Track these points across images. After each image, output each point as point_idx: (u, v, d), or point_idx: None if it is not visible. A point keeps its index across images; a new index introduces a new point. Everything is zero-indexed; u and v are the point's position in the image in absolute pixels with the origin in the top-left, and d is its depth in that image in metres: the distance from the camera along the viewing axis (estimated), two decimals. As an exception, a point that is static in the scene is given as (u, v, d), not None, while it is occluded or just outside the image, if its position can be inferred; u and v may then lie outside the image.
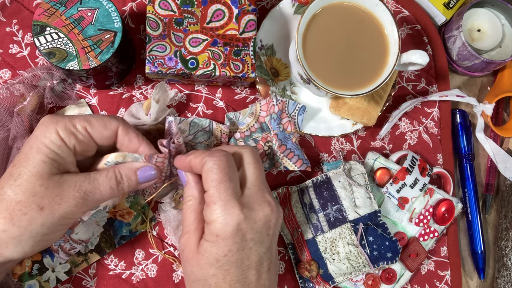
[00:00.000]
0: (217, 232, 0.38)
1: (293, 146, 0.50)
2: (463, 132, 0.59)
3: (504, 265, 0.57)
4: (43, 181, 0.37)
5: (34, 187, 0.36)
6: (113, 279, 0.49)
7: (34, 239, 0.37)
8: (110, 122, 0.40)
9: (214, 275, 0.38)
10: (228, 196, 0.38)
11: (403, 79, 0.58)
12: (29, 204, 0.36)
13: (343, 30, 0.48)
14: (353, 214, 0.49)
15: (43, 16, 0.44)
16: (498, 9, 0.59)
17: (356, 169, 0.52)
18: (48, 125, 0.38)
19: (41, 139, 0.38)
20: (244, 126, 0.51)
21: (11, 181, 0.37)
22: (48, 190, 0.37)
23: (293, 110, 0.51)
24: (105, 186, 0.39)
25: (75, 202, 0.37)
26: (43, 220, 0.36)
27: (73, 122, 0.39)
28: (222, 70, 0.47)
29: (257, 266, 0.39)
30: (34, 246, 0.37)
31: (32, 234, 0.37)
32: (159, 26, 0.47)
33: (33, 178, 0.36)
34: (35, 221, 0.36)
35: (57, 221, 0.37)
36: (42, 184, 0.37)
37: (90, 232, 0.48)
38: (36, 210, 0.36)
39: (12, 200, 0.36)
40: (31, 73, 0.48)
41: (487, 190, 0.61)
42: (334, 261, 0.49)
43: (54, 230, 0.38)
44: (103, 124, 0.40)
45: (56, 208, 0.37)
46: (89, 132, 0.39)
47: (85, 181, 0.38)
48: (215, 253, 0.38)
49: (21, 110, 0.46)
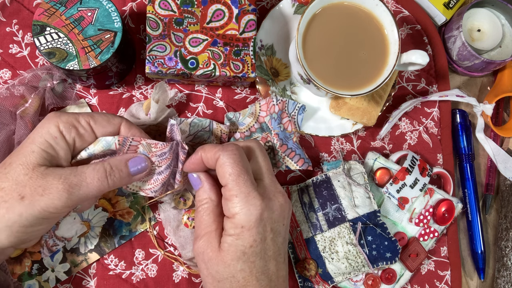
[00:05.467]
0: (242, 223, 0.38)
1: (294, 146, 0.50)
2: (463, 132, 0.59)
3: (504, 265, 0.57)
4: (28, 171, 0.36)
5: (18, 175, 0.36)
6: (113, 279, 0.49)
7: (11, 229, 0.36)
8: (114, 118, 0.41)
9: (242, 270, 0.38)
10: (248, 188, 0.38)
11: (403, 79, 0.58)
12: (10, 192, 0.36)
13: (343, 30, 0.48)
14: (352, 214, 0.49)
15: (43, 16, 0.44)
16: (498, 9, 0.59)
17: (356, 168, 0.52)
18: (51, 119, 0.38)
19: (38, 130, 0.38)
20: (244, 126, 0.51)
21: (2, 169, 0.37)
22: (32, 180, 0.36)
23: (293, 109, 0.51)
24: (92, 178, 0.38)
25: (58, 194, 0.36)
26: (22, 209, 0.36)
27: (76, 117, 0.39)
28: (222, 70, 0.47)
29: (276, 257, 0.40)
30: (10, 236, 0.36)
31: (9, 223, 0.36)
32: (159, 26, 0.47)
33: (19, 167, 0.36)
34: (13, 210, 0.36)
35: (37, 213, 0.36)
36: (27, 174, 0.36)
37: (73, 230, 0.48)
38: (17, 199, 0.36)
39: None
40: (31, 73, 0.48)
41: (487, 190, 0.61)
42: (333, 260, 0.49)
43: (33, 223, 0.37)
44: (107, 119, 0.40)
45: (37, 199, 0.36)
46: (91, 127, 0.40)
47: (71, 173, 0.37)
48: (241, 245, 0.38)
49: (23, 112, 0.47)
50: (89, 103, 0.51)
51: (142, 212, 0.50)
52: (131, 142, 0.41)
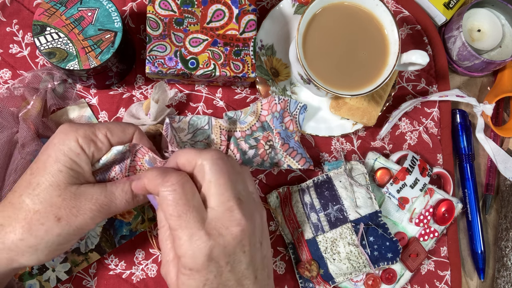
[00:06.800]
0: (189, 266, 0.35)
1: (296, 145, 0.51)
2: (463, 132, 0.59)
3: (504, 265, 0.57)
4: (60, 192, 0.37)
5: (51, 197, 0.37)
6: (113, 279, 0.49)
7: (50, 249, 0.38)
8: (128, 127, 0.41)
9: None
10: (192, 229, 0.35)
11: (403, 79, 0.58)
12: (46, 215, 0.37)
13: (343, 30, 0.48)
14: (354, 214, 0.49)
15: (43, 16, 0.44)
16: (498, 9, 0.59)
17: (357, 169, 0.52)
18: (68, 133, 0.38)
19: (59, 147, 0.38)
20: (246, 125, 0.51)
21: (30, 190, 0.37)
22: (65, 201, 0.37)
23: (295, 109, 0.51)
24: (121, 200, 0.40)
25: (91, 214, 0.38)
26: (60, 230, 0.37)
27: (92, 130, 0.39)
28: (222, 70, 0.47)
29: (242, 281, 0.37)
30: (48, 254, 0.38)
31: (48, 244, 0.37)
32: (159, 26, 0.47)
33: (50, 188, 0.37)
34: (51, 232, 0.37)
35: (72, 232, 0.38)
36: (60, 195, 0.37)
37: None
38: (54, 221, 0.37)
39: (30, 210, 0.37)
40: (31, 74, 0.48)
41: (487, 190, 0.61)
42: (335, 261, 0.49)
43: (68, 240, 0.39)
44: (122, 130, 0.41)
45: (73, 220, 0.37)
46: (109, 139, 0.40)
47: (101, 194, 0.39)
48: (194, 285, 0.36)
49: (26, 114, 0.47)
50: (89, 103, 0.51)
51: (142, 213, 0.50)
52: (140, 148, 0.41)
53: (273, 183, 0.54)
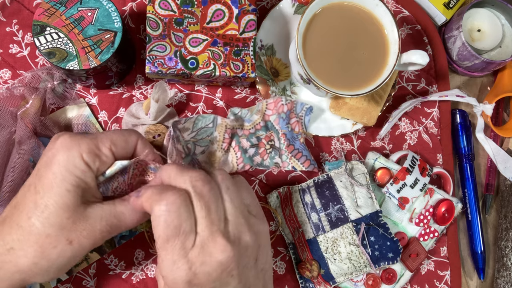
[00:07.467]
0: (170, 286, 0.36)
1: (301, 147, 0.51)
2: (463, 132, 0.59)
3: (504, 265, 0.57)
4: (70, 214, 0.36)
5: (61, 220, 0.36)
6: (113, 279, 0.49)
7: (60, 269, 0.38)
8: (130, 136, 0.40)
9: None
10: (175, 256, 0.35)
11: (403, 79, 0.58)
12: (58, 238, 0.36)
13: (343, 30, 0.48)
14: (355, 214, 0.49)
15: (43, 16, 0.44)
16: (498, 9, 0.59)
17: (358, 169, 0.52)
18: (71, 148, 0.37)
19: (65, 165, 0.36)
20: (251, 123, 0.51)
21: (38, 213, 0.36)
22: (75, 224, 0.37)
23: (301, 110, 0.51)
24: (132, 220, 0.39)
25: (101, 235, 0.38)
26: (71, 253, 0.37)
27: (96, 143, 0.38)
28: (222, 70, 0.47)
29: None
30: (59, 273, 0.38)
31: (60, 266, 0.37)
32: (159, 26, 0.47)
33: (60, 211, 0.36)
34: (64, 255, 0.37)
35: (83, 251, 0.38)
36: (69, 217, 0.36)
37: None
38: (65, 244, 0.37)
39: (41, 233, 0.36)
40: (31, 73, 0.48)
41: (487, 190, 0.61)
42: (336, 261, 0.49)
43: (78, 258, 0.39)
44: (125, 140, 0.40)
45: (84, 242, 0.37)
46: (113, 152, 0.39)
47: (110, 213, 0.38)
48: None
49: (24, 113, 0.46)
50: (89, 103, 0.51)
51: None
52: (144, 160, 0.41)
53: (273, 183, 0.54)
